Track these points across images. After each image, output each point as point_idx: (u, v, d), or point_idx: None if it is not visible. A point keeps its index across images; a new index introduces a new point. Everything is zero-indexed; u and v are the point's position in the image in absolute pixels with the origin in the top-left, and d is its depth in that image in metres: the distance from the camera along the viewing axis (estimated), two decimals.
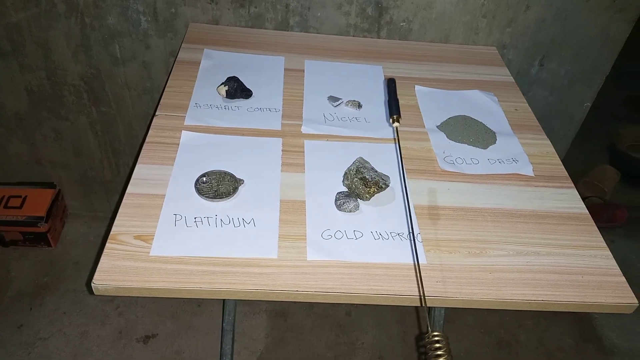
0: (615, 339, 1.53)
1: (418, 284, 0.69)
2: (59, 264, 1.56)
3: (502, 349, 1.47)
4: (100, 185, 1.62)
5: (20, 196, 1.55)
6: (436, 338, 0.55)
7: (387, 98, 0.93)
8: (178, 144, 0.89)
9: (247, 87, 1.02)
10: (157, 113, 0.95)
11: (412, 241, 0.75)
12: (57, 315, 1.43)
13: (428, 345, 0.55)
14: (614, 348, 1.50)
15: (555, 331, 1.53)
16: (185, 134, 0.91)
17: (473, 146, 0.97)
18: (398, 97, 0.91)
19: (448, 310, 1.21)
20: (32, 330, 1.39)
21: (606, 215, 1.84)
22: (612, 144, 2.22)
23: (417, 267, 0.72)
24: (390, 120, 0.87)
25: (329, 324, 1.49)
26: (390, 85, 0.94)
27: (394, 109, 0.88)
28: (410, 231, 0.78)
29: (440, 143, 0.97)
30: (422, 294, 0.67)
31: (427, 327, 0.58)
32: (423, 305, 0.66)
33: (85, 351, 1.35)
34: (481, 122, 1.03)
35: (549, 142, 1.01)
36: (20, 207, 1.53)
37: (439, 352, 0.55)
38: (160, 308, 1.47)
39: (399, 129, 0.90)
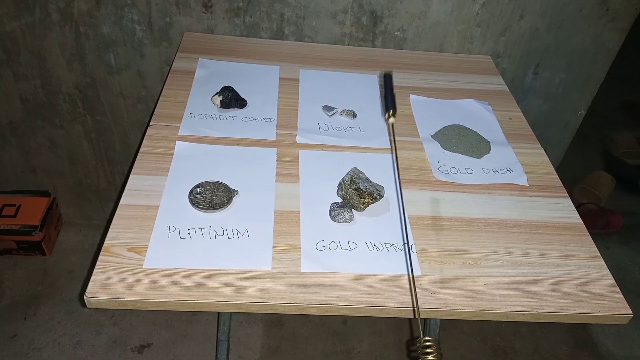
0: (610, 346, 1.53)
1: (412, 296, 0.69)
2: (54, 273, 1.55)
3: (498, 356, 1.47)
4: (95, 194, 1.62)
5: (14, 205, 1.54)
6: (428, 343, 0.55)
7: (384, 92, 0.83)
8: (172, 154, 0.88)
9: (242, 96, 1.02)
10: (151, 123, 0.94)
11: (407, 252, 0.75)
12: (51, 325, 1.42)
13: (420, 349, 0.55)
14: (610, 355, 1.50)
15: (551, 339, 1.53)
16: (179, 144, 0.90)
17: (467, 156, 0.97)
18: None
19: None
20: (26, 340, 1.38)
21: (601, 221, 1.84)
22: (607, 150, 2.23)
23: (411, 278, 0.71)
24: (386, 115, 0.80)
25: (325, 332, 1.48)
26: (387, 80, 0.86)
27: (389, 103, 0.80)
28: (405, 241, 0.78)
29: (434, 153, 0.97)
30: (416, 306, 0.67)
31: (420, 334, 0.58)
32: (416, 317, 0.66)
33: None
34: (475, 132, 1.03)
35: (543, 151, 1.01)
36: (15, 215, 1.52)
37: (428, 351, 0.55)
38: (155, 317, 1.46)
39: (394, 126, 0.83)
